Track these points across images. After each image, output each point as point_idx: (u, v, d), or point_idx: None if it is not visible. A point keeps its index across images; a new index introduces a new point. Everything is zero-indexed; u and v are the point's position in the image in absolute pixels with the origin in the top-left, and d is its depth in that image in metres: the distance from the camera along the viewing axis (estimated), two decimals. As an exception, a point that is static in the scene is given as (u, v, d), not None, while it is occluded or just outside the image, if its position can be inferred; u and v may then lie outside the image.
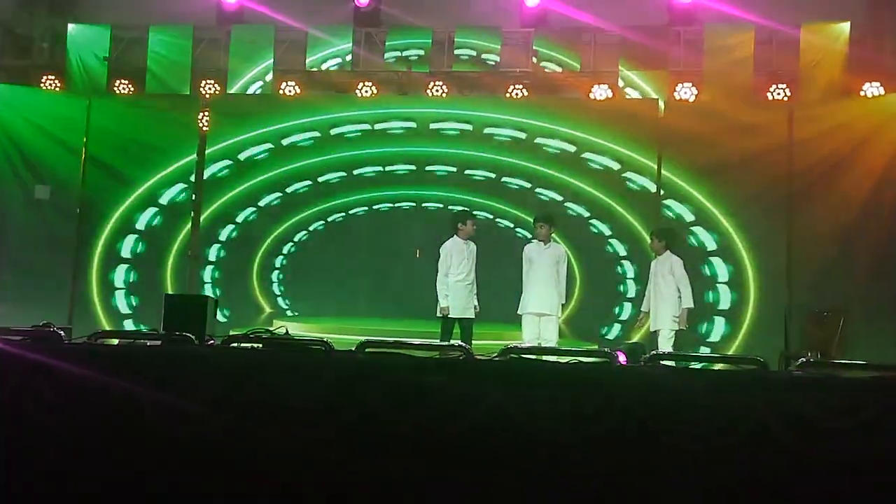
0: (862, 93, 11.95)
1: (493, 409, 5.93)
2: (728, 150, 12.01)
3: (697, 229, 12.30)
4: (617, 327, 12.48)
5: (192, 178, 13.41)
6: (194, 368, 6.45)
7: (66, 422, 6.24)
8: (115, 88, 13.68)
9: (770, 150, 12.02)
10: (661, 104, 12.77)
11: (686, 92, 12.57)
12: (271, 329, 7.85)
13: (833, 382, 5.99)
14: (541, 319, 10.43)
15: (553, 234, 10.83)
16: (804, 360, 6.53)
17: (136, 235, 13.37)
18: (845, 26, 12.41)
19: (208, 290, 13.19)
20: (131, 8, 14.01)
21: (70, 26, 14.04)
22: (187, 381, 6.32)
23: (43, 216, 13.34)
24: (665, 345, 10.26)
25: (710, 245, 12.25)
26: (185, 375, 6.39)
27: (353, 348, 6.77)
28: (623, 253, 12.65)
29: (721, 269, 12.18)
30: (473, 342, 10.29)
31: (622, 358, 7.02)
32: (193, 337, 7.00)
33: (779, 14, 12.59)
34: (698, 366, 6.98)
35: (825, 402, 5.66)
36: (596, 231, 12.82)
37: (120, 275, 13.35)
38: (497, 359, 6.68)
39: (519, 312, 10.56)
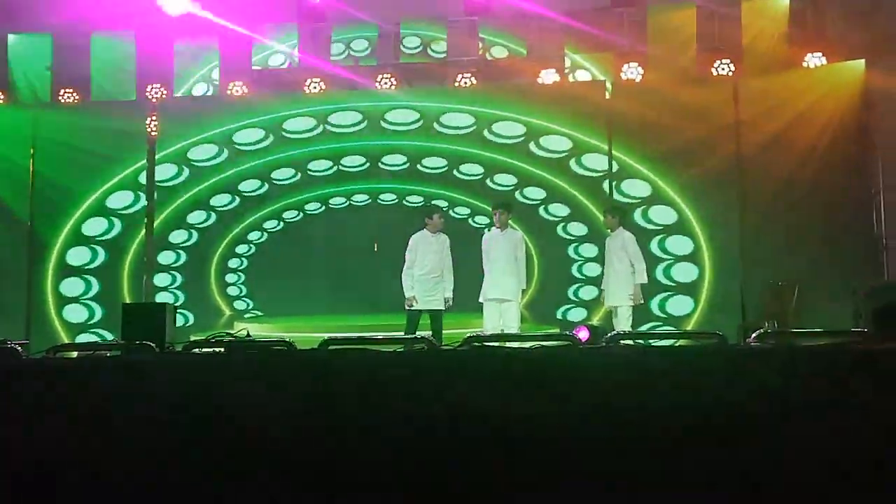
0: (805, 64, 12.10)
1: (458, 399, 5.95)
2: (677, 128, 12.12)
3: (651, 208, 12.39)
4: (576, 309, 12.57)
5: (144, 184, 13.27)
6: (156, 377, 6.40)
7: (28, 438, 6.17)
8: (60, 98, 13.50)
9: (717, 126, 12.17)
10: (609, 86, 12.86)
11: (632, 72, 12.69)
12: (232, 332, 7.82)
13: (788, 350, 6.10)
14: (501, 305, 10.49)
15: (510, 221, 10.89)
16: (762, 330, 6.63)
17: (89, 245, 13.22)
18: (784, -1, 12.58)
19: (166, 296, 13.09)
20: (72, 16, 13.77)
21: (10, 37, 13.82)
22: (150, 390, 6.27)
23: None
24: (624, 322, 10.38)
25: (665, 222, 12.35)
26: (148, 384, 6.34)
27: (317, 346, 6.77)
28: (580, 234, 12.72)
29: (676, 245, 12.29)
30: (444, 332, 10.35)
31: (584, 335, 7.08)
32: (154, 345, 6.96)
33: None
34: (659, 343, 7.05)
35: (783, 369, 5.76)
36: (551, 215, 12.89)
37: (76, 285, 13.20)
38: (460, 348, 6.71)
39: (480, 300, 10.62)
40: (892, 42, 11.64)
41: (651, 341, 7.13)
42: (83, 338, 12.91)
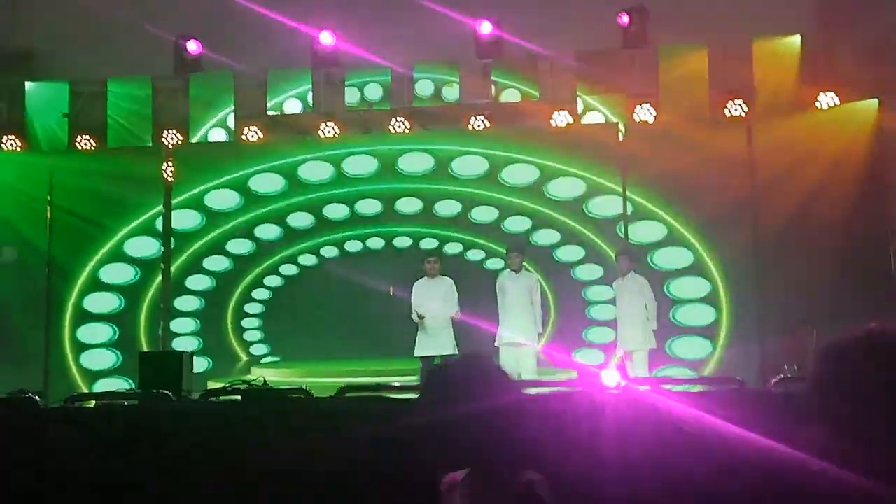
0: (817, 104, 12.11)
1: (476, 446, 5.92)
2: (691, 169, 12.09)
3: (666, 249, 12.35)
4: (592, 352, 12.50)
5: (161, 229, 13.33)
6: (174, 426, 6.41)
7: (48, 488, 6.16)
8: (77, 144, 13.61)
9: (732, 166, 12.15)
10: (622, 127, 12.89)
11: (645, 113, 12.71)
12: (249, 379, 7.82)
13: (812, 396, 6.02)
14: (518, 350, 10.43)
15: (524, 263, 10.88)
16: (781, 376, 6.57)
17: (107, 291, 13.25)
18: (796, 39, 12.60)
19: (183, 342, 13.09)
20: (89, 62, 13.93)
21: (28, 84, 13.97)
22: (168, 439, 6.27)
23: (10, 278, 13.19)
24: (640, 367, 10.32)
25: (681, 264, 12.31)
26: (166, 433, 6.34)
27: (333, 394, 6.76)
28: (595, 277, 12.69)
29: (693, 288, 12.23)
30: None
31: (602, 379, 7.03)
32: (171, 394, 6.97)
33: (730, 30, 12.76)
34: (677, 388, 7.01)
35: (807, 417, 5.70)
36: (564, 257, 12.87)
37: (93, 332, 13.21)
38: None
39: (495, 344, 10.57)
40: (904, 81, 11.66)
41: (669, 387, 7.06)
42: (100, 384, 12.89)
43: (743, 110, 12.40)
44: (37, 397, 7.08)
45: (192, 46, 13.97)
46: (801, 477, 2.40)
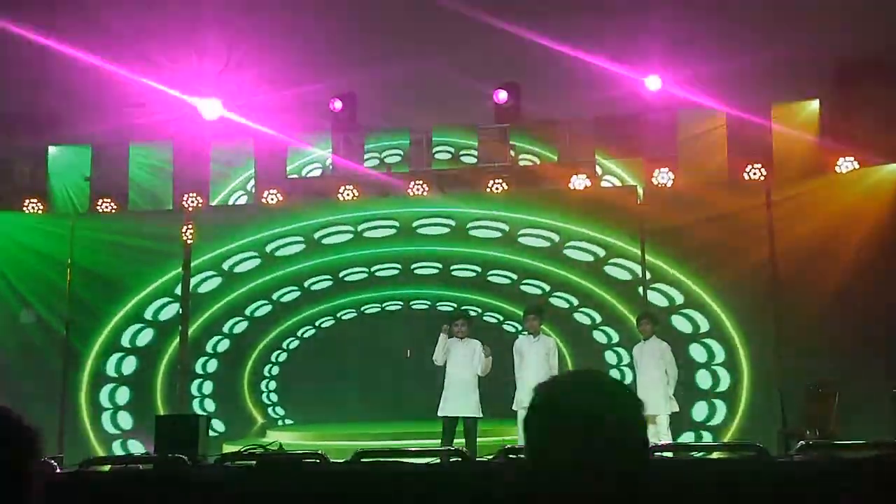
0: (837, 168, 12.10)
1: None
2: (709, 233, 12.04)
3: (684, 312, 12.28)
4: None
5: (179, 292, 13.37)
6: (189, 491, 6.36)
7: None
8: (98, 207, 13.73)
9: (750, 231, 12.09)
10: (640, 190, 12.90)
11: (663, 177, 12.71)
12: (265, 444, 7.75)
13: (833, 464, 5.95)
14: (536, 414, 10.31)
15: (542, 326, 10.82)
16: (804, 442, 6.47)
17: (124, 353, 13.26)
18: (814, 104, 12.65)
19: (199, 404, 13.06)
20: (111, 126, 14.13)
21: (51, 149, 14.16)
22: (183, 505, 6.23)
23: (29, 339, 13.22)
24: (663, 431, 10.19)
25: (700, 328, 12.23)
26: (181, 498, 6.30)
27: (349, 458, 6.69)
28: (611, 340, 12.62)
29: (712, 351, 12.14)
30: (479, 440, 10.20)
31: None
32: (186, 458, 6.92)
33: (748, 96, 12.83)
34: (698, 455, 6.91)
35: (829, 486, 5.61)
36: (583, 320, 12.82)
37: (110, 394, 13.19)
38: (496, 461, 6.61)
39: (514, 408, 10.46)
40: (924, 145, 11.65)
41: (690, 454, 6.97)
42: (117, 447, 12.85)
43: (762, 174, 12.39)
44: (53, 461, 7.04)
45: (215, 110, 14.17)
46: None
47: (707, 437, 11.66)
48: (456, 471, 6.45)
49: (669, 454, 6.72)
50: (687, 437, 11.42)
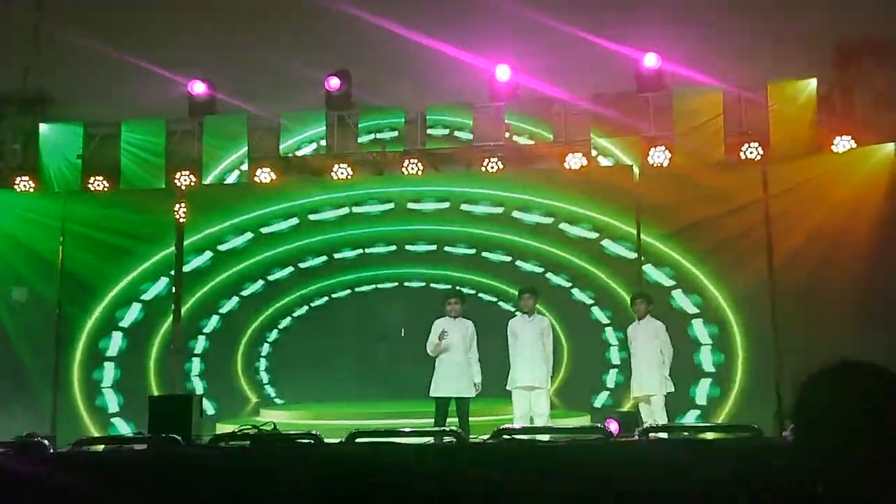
0: (833, 147, 12.05)
1: (487, 494, 5.82)
2: (705, 212, 12.03)
3: (679, 292, 12.25)
4: (606, 395, 12.38)
5: (172, 271, 13.30)
6: (183, 471, 6.33)
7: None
8: (90, 185, 13.63)
9: (747, 210, 12.06)
10: (636, 170, 12.84)
11: (659, 156, 12.66)
12: (258, 423, 7.71)
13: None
14: (531, 393, 10.29)
15: (537, 306, 10.78)
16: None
17: (117, 332, 13.21)
18: (812, 82, 12.56)
19: (193, 383, 13.03)
20: (102, 104, 14.02)
21: (42, 126, 14.05)
22: (176, 485, 6.19)
23: (21, 319, 13.16)
24: (659, 412, 10.17)
25: (695, 307, 12.20)
26: (174, 479, 6.26)
27: (343, 439, 6.66)
28: (607, 320, 12.59)
29: (706, 331, 12.12)
30: (472, 419, 10.18)
31: (614, 427, 6.91)
32: (180, 438, 6.89)
33: (745, 74, 12.75)
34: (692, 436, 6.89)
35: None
36: (578, 300, 12.79)
37: (103, 373, 13.15)
38: (490, 441, 6.58)
39: (508, 388, 10.44)
40: (921, 125, 11.61)
41: (684, 434, 6.94)
42: (109, 427, 12.82)
43: (758, 153, 12.34)
44: (46, 441, 7.01)
45: (199, 88, 14.09)
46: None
47: (702, 419, 11.66)
48: (451, 451, 6.42)
49: (664, 435, 6.69)
50: (685, 418, 11.43)
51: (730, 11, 12.72)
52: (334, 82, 13.91)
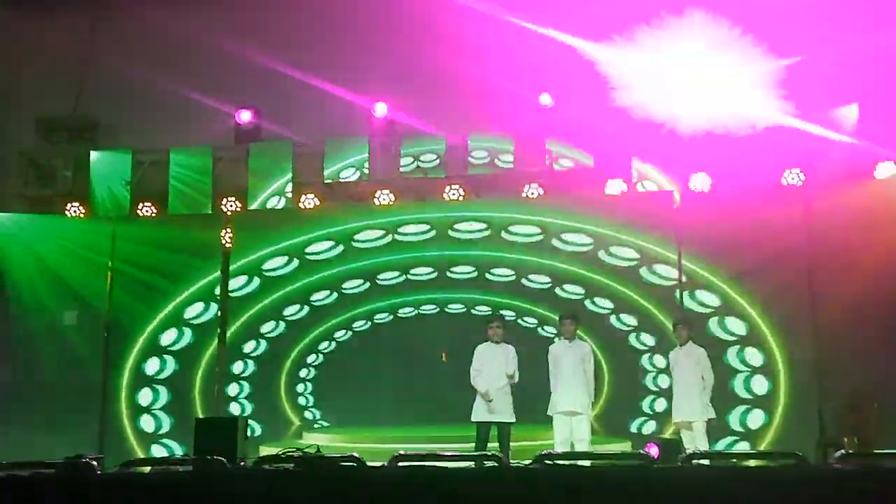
0: (876, 173, 11.99)
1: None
2: (747, 238, 11.96)
3: (721, 318, 12.21)
4: (648, 421, 12.35)
5: (218, 295, 13.49)
6: (228, 493, 6.41)
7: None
8: (139, 211, 13.89)
9: (788, 236, 11.98)
10: (677, 195, 12.83)
11: (700, 182, 12.65)
12: (302, 446, 7.82)
13: (874, 474, 5.89)
14: (572, 419, 10.27)
15: (578, 331, 10.79)
16: (843, 451, 6.41)
17: (163, 355, 13.42)
18: (854, 108, 12.54)
19: (237, 406, 13.19)
20: (151, 132, 14.32)
21: (92, 154, 14.36)
22: (222, 507, 6.28)
23: (70, 342, 13.41)
24: (700, 439, 10.13)
25: (737, 333, 12.15)
26: (219, 500, 6.35)
27: (386, 462, 6.72)
28: (649, 345, 12.58)
29: (749, 357, 12.05)
30: (513, 444, 10.20)
31: (655, 452, 6.91)
32: (225, 460, 6.99)
33: (788, 99, 12.73)
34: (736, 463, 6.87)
35: (868, 496, 5.57)
36: (620, 325, 12.79)
37: (149, 396, 13.35)
38: (532, 466, 6.61)
39: (549, 413, 10.43)
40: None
41: (728, 462, 6.93)
42: (155, 448, 13.00)
43: (800, 179, 12.29)
44: (94, 462, 7.13)
45: (246, 116, 14.34)
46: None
47: (744, 446, 11.59)
48: (493, 475, 6.46)
49: (706, 462, 6.68)
50: (724, 444, 11.37)
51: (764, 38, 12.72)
52: (379, 110, 14.10)
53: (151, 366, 13.40)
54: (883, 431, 10.31)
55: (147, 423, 13.29)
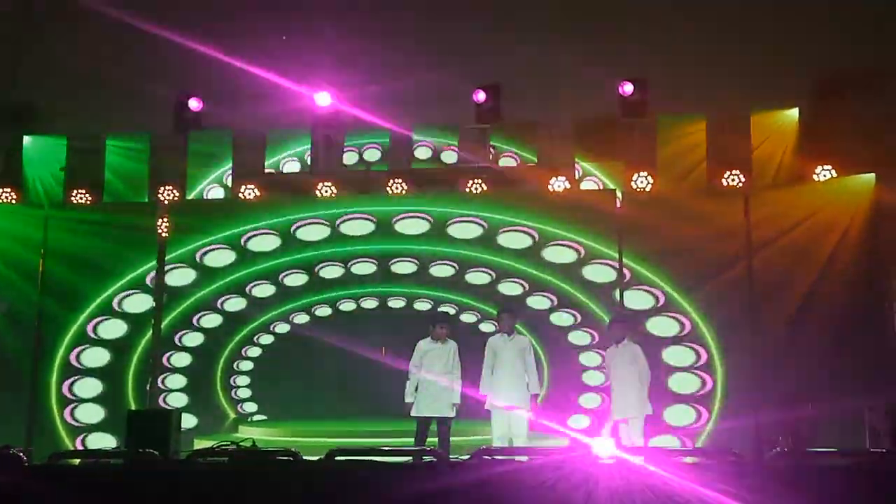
0: (815, 176, 12.18)
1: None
2: (687, 237, 12.09)
3: (660, 317, 12.29)
4: (584, 418, 12.39)
5: (153, 285, 13.24)
6: (159, 487, 6.29)
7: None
8: (73, 199, 13.59)
9: (728, 237, 12.15)
10: (619, 194, 12.91)
11: (642, 181, 12.75)
12: (237, 439, 7.69)
13: (809, 472, 5.97)
14: (510, 414, 10.25)
15: (517, 326, 10.78)
16: (777, 449, 6.49)
17: (96, 346, 13.11)
18: (794, 112, 12.74)
19: (171, 398, 12.96)
20: (87, 118, 14.01)
21: (25, 138, 14.03)
22: (153, 500, 6.16)
23: (0, 330, 13.07)
24: (636, 434, 10.19)
25: (676, 331, 12.24)
26: (151, 494, 6.22)
27: (322, 457, 6.64)
28: (587, 342, 12.63)
29: (688, 355, 12.16)
30: (453, 439, 10.17)
31: (595, 449, 6.89)
32: (158, 453, 6.85)
33: (728, 102, 12.90)
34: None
35: (800, 493, 5.62)
36: (561, 322, 12.82)
37: (80, 386, 13.05)
38: (469, 461, 6.57)
39: (487, 407, 10.40)
40: (902, 156, 11.75)
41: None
42: (86, 440, 12.73)
43: (740, 181, 12.44)
44: (21, 454, 6.95)
45: (194, 104, 14.08)
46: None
47: (681, 444, 11.69)
48: (430, 471, 6.41)
49: (641, 458, 6.68)
50: (660, 441, 11.45)
51: (715, 40, 12.87)
52: (321, 100, 13.92)
53: (83, 356, 13.09)
54: (817, 431, 10.48)
55: (77, 414, 12.99)
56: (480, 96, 13.65)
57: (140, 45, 13.90)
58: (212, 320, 13.38)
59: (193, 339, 13.35)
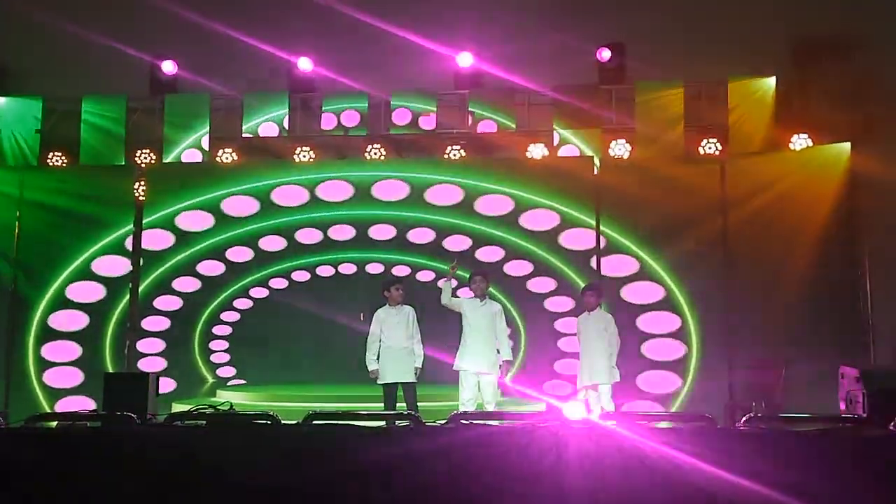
0: (791, 145, 12.26)
1: (445, 479, 5.88)
2: (664, 205, 12.18)
3: (638, 284, 12.38)
4: (562, 384, 12.47)
5: (130, 249, 13.20)
6: (136, 450, 6.31)
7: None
8: (49, 161, 13.49)
9: (704, 204, 12.25)
10: (597, 161, 12.95)
11: (620, 149, 12.81)
12: (215, 403, 7.70)
13: (782, 436, 6.05)
14: (480, 378, 10.23)
15: (490, 290, 10.76)
16: (750, 414, 6.57)
17: (74, 309, 13.09)
18: (771, 80, 12.80)
19: (149, 362, 12.96)
20: (63, 79, 13.86)
21: (0, 100, 13.87)
22: (130, 463, 6.18)
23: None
24: (606, 400, 10.27)
25: (652, 298, 12.34)
26: (128, 457, 6.25)
27: (300, 420, 6.68)
28: (565, 309, 12.69)
29: (662, 323, 12.26)
30: (421, 404, 10.21)
31: (568, 413, 6.97)
32: (135, 416, 6.87)
33: (706, 70, 12.92)
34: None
35: (773, 457, 5.70)
36: (537, 288, 12.87)
37: (57, 350, 13.03)
38: (445, 426, 6.63)
39: (455, 368, 10.35)
40: (876, 126, 11.81)
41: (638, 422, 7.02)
42: (63, 403, 12.73)
43: (717, 149, 12.51)
44: (-1, 416, 6.96)
45: (168, 67, 13.99)
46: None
47: (655, 409, 11.82)
48: (407, 434, 6.46)
49: (613, 422, 6.76)
50: (634, 407, 11.57)
51: (692, 6, 12.85)
52: (303, 64, 13.86)
53: (60, 320, 13.06)
54: (789, 395, 10.62)
55: (54, 378, 12.98)
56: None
57: (116, 5, 13.76)
58: (189, 284, 13.35)
59: (171, 303, 13.32)
